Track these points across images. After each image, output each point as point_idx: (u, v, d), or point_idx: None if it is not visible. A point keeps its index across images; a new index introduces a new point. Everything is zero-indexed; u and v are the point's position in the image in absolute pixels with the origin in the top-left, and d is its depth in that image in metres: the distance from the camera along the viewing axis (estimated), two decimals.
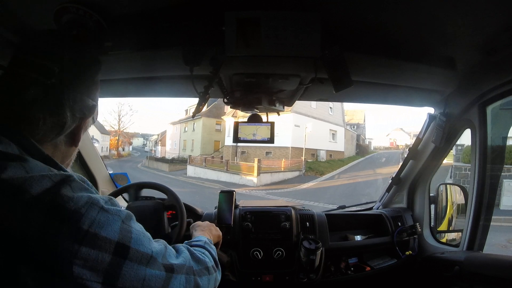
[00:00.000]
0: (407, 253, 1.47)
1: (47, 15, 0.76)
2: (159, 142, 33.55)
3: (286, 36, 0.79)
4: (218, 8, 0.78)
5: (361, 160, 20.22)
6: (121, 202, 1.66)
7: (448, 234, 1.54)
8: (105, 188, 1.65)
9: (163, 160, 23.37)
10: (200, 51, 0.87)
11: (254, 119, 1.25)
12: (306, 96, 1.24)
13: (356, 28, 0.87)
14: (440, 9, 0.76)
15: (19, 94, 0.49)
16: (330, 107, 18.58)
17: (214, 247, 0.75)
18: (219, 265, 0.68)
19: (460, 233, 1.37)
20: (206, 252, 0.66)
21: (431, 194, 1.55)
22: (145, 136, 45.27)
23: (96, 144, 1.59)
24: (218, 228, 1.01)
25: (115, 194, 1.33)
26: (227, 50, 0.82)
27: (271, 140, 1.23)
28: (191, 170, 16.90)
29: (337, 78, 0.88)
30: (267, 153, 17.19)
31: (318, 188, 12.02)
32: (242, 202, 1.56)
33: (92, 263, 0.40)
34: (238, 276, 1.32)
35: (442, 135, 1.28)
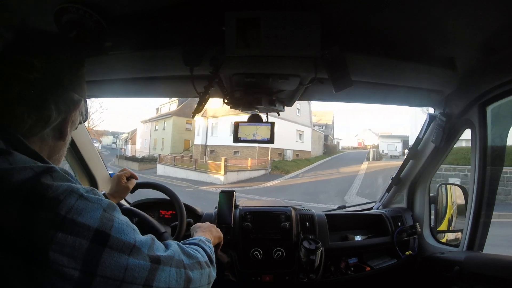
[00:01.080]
0: (407, 253, 1.46)
1: (47, 15, 0.76)
2: (129, 140, 33.20)
3: (286, 36, 0.79)
4: (218, 8, 0.78)
5: (327, 159, 20.88)
6: (122, 202, 1.66)
7: (448, 234, 1.54)
8: (105, 188, 1.65)
9: (133, 159, 23.19)
10: (200, 51, 0.87)
11: (254, 119, 1.25)
12: (306, 96, 1.24)
13: (356, 28, 0.87)
14: (440, 9, 0.76)
15: (3, 90, 0.50)
16: (298, 109, 19.14)
17: (211, 245, 0.74)
18: (214, 263, 0.67)
19: (460, 233, 1.37)
20: (199, 249, 0.66)
21: (431, 194, 1.55)
22: (115, 135, 44.00)
23: (96, 144, 1.59)
24: (219, 230, 1.00)
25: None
26: (227, 50, 0.82)
27: (271, 140, 1.23)
28: (161, 169, 17.08)
29: (337, 78, 0.88)
30: (235, 152, 17.68)
31: (282, 186, 12.57)
32: (242, 202, 1.56)
33: (69, 249, 0.39)
34: (238, 276, 1.32)
35: (442, 135, 1.28)
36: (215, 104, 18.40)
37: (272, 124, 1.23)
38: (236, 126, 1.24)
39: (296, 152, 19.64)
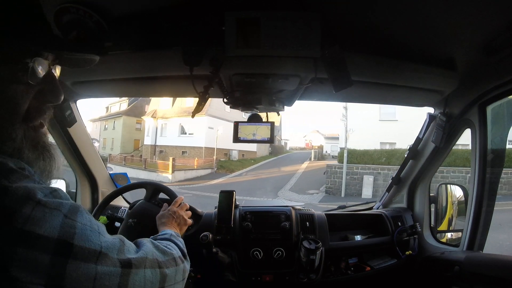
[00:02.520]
0: (407, 253, 1.46)
1: (47, 16, 0.76)
2: None
3: (286, 36, 0.80)
4: (218, 8, 0.78)
5: (272, 159, 21.84)
6: (122, 203, 1.66)
7: (448, 234, 1.54)
8: (105, 188, 1.65)
9: None
10: (200, 51, 0.87)
11: (254, 119, 1.25)
12: (306, 96, 1.24)
13: (356, 28, 0.87)
14: (440, 9, 0.76)
15: None
16: None
17: (181, 239, 0.73)
18: (187, 257, 0.65)
19: (460, 233, 1.37)
20: (172, 244, 0.64)
21: (431, 194, 1.55)
22: None
23: (96, 144, 1.59)
24: (185, 214, 0.99)
25: (128, 188, 1.33)
26: (227, 50, 0.82)
27: (271, 139, 1.23)
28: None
29: (337, 78, 0.88)
30: (183, 152, 18.31)
31: (226, 183, 13.45)
32: (243, 202, 1.56)
33: (31, 264, 0.36)
34: (238, 276, 1.32)
35: (442, 135, 1.28)
36: (165, 105, 19.14)
37: (272, 123, 1.23)
38: (236, 126, 1.24)
39: (242, 152, 20.41)
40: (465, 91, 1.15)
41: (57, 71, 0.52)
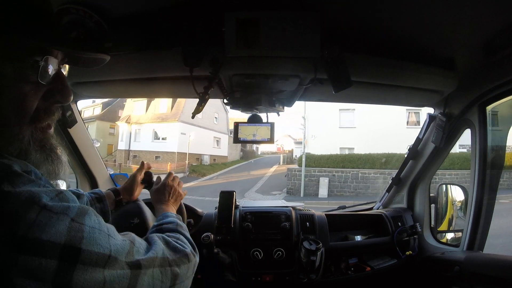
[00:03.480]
0: (407, 253, 1.46)
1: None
2: None
3: (286, 37, 0.80)
4: (218, 9, 0.78)
5: (243, 163, 22.92)
6: None
7: (448, 234, 1.54)
8: (105, 188, 1.65)
9: None
10: (200, 52, 0.87)
11: (254, 120, 1.25)
12: (306, 96, 1.24)
13: (356, 28, 0.87)
14: (440, 9, 0.76)
15: None
16: (216, 117, 21.35)
17: (185, 226, 0.70)
18: (196, 247, 0.63)
19: (460, 233, 1.37)
20: (182, 237, 0.61)
21: (431, 194, 1.55)
22: None
23: (96, 145, 1.59)
24: (179, 187, 0.98)
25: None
26: (227, 51, 0.83)
27: (271, 140, 1.23)
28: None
29: (336, 78, 0.88)
30: (156, 157, 18.99)
31: (197, 186, 13.97)
32: (243, 203, 1.56)
33: (35, 272, 0.34)
34: (238, 276, 1.32)
35: (442, 135, 1.28)
36: (139, 111, 19.83)
37: (272, 124, 1.23)
38: (236, 126, 1.24)
39: (213, 157, 21.37)
40: (465, 91, 1.15)
41: (65, 71, 0.51)
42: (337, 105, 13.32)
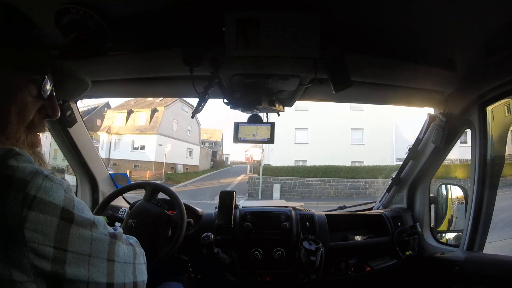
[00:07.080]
0: (407, 253, 1.46)
1: (47, 16, 0.76)
2: None
3: (286, 37, 0.80)
4: (218, 9, 0.78)
5: (213, 172, 24.96)
6: (122, 203, 1.66)
7: (448, 234, 1.54)
8: (105, 188, 1.65)
9: None
10: (200, 52, 0.87)
11: (254, 120, 1.25)
12: (306, 96, 1.24)
13: (355, 28, 0.87)
14: (440, 9, 0.76)
15: None
16: (189, 129, 23.61)
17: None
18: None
19: (460, 233, 1.37)
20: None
21: (431, 194, 1.55)
22: None
23: (96, 145, 1.59)
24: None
25: (127, 188, 1.34)
26: (227, 51, 0.83)
27: (271, 140, 1.23)
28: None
29: (336, 78, 0.88)
30: (135, 165, 20.52)
31: None
32: (243, 203, 1.56)
33: (42, 226, 0.41)
34: (238, 276, 1.32)
35: (442, 135, 1.28)
36: (119, 122, 21.28)
37: (272, 124, 1.23)
38: (236, 126, 1.24)
39: (186, 166, 23.39)
40: (465, 91, 1.15)
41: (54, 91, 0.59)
42: (293, 124, 16.19)
